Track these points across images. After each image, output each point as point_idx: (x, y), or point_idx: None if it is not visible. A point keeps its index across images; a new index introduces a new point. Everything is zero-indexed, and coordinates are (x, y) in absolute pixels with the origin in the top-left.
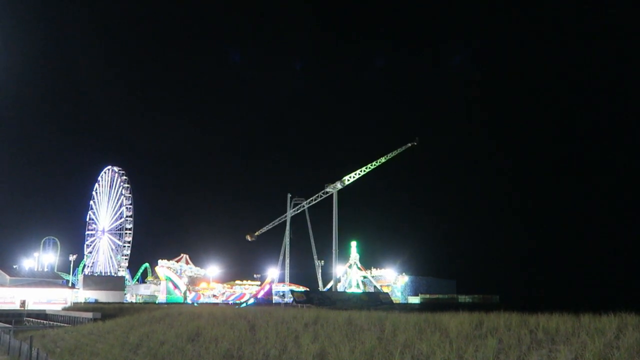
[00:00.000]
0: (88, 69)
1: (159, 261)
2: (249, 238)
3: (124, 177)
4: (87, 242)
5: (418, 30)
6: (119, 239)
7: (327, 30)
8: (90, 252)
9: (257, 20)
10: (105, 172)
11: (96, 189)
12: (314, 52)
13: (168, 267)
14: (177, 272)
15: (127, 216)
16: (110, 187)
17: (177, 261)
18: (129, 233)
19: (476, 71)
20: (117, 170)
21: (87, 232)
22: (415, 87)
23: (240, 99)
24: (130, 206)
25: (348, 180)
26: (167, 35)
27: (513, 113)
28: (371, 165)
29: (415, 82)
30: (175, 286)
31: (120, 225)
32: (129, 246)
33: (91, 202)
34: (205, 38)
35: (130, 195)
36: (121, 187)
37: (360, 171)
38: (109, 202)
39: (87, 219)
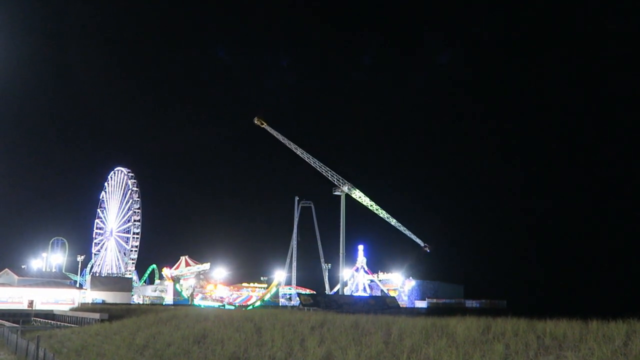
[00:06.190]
0: (93, 70)
1: (163, 271)
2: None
3: (132, 176)
4: (95, 242)
5: (410, 27)
6: (127, 242)
7: (327, 29)
8: (98, 252)
9: (261, 20)
10: (114, 174)
11: (105, 191)
12: (314, 50)
13: (173, 276)
14: (184, 276)
15: (135, 220)
16: (119, 188)
17: (177, 267)
18: (137, 238)
19: (475, 70)
20: (126, 172)
21: (95, 236)
22: (415, 85)
23: (243, 100)
24: (139, 210)
25: (355, 194)
26: (170, 35)
27: (516, 114)
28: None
29: (416, 81)
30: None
31: (128, 228)
32: (136, 251)
33: (99, 204)
34: (208, 38)
35: (138, 198)
36: (130, 190)
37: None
38: (118, 204)
39: (95, 220)
